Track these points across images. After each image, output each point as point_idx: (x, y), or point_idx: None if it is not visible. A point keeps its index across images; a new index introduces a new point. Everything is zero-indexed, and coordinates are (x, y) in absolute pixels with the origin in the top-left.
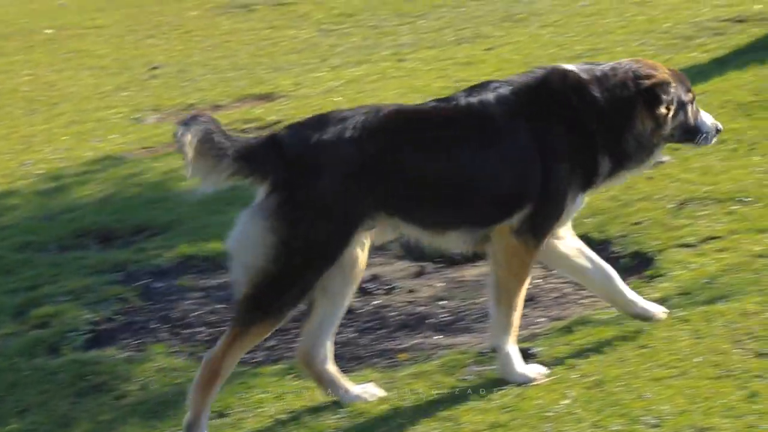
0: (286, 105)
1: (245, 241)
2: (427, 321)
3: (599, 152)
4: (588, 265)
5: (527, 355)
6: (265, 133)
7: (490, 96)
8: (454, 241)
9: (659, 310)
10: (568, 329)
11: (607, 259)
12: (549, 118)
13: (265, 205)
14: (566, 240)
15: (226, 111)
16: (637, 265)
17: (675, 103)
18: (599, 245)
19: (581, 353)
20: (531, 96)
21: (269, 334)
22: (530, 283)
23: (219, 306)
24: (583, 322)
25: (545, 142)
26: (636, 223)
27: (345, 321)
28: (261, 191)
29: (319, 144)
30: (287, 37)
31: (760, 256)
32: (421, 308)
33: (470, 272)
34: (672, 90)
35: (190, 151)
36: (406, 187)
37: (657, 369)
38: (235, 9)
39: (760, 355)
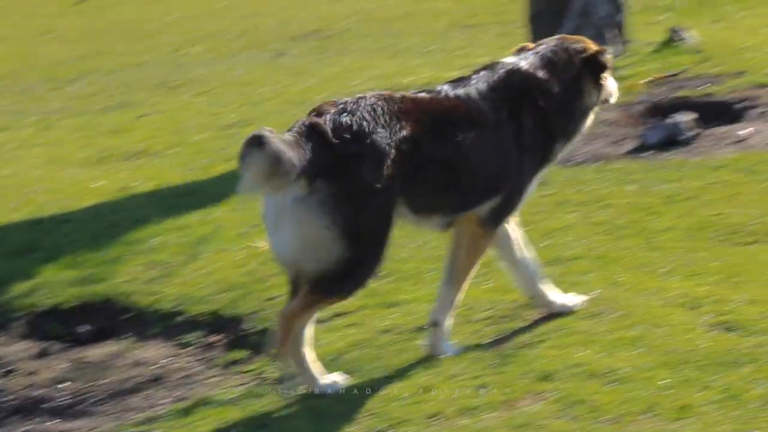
0: None
1: (312, 238)
2: (43, 405)
3: (557, 140)
4: (520, 257)
5: None
6: None
7: (474, 90)
8: (433, 224)
9: (578, 300)
10: (188, 411)
11: (237, 337)
12: (521, 113)
13: (320, 198)
14: (512, 226)
15: None
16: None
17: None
18: (230, 322)
19: None
20: (505, 92)
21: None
22: (157, 364)
23: None
24: (205, 403)
25: (519, 136)
26: (269, 299)
27: None
28: (299, 184)
29: (361, 134)
30: None
31: (385, 331)
32: (40, 391)
33: (95, 352)
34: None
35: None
36: (416, 171)
37: None
38: None
39: None
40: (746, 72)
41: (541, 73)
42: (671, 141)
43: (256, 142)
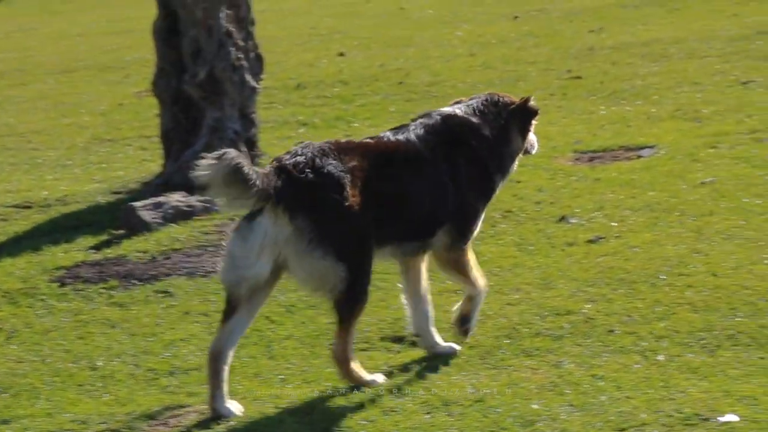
0: None
1: (308, 266)
2: None
3: (495, 174)
4: (421, 296)
5: None
6: None
7: (413, 135)
8: (389, 254)
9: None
10: None
11: None
12: (460, 157)
13: (306, 232)
14: (422, 269)
15: None
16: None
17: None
18: None
19: None
20: (440, 137)
21: None
22: None
23: None
24: None
25: (455, 173)
26: None
27: None
28: (277, 214)
29: (324, 172)
30: None
31: None
32: None
33: None
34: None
35: (219, 182)
36: (372, 206)
37: None
38: None
39: None
40: None
41: (474, 119)
42: None
43: (218, 156)
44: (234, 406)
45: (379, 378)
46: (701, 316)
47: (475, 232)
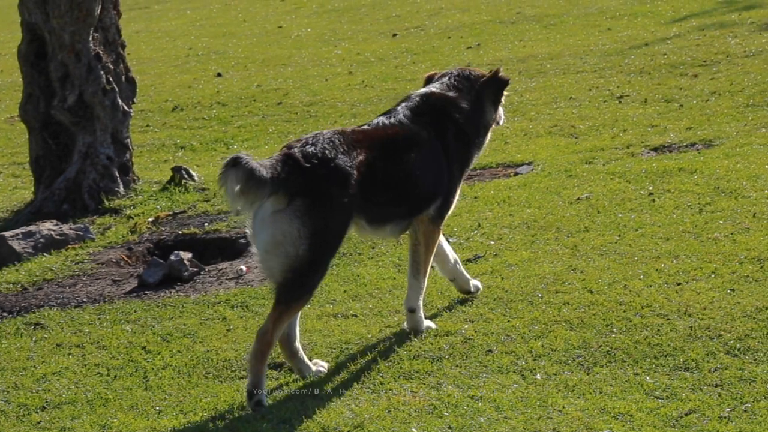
0: None
1: (283, 237)
2: None
3: (472, 149)
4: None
5: None
6: None
7: (403, 117)
8: (388, 233)
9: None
10: None
11: None
12: (445, 131)
13: (294, 208)
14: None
15: None
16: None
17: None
18: None
19: None
20: (427, 116)
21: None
22: None
23: None
24: None
25: (446, 148)
26: None
27: None
28: (278, 199)
29: (325, 159)
30: None
31: None
32: None
33: None
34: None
35: (236, 188)
36: (370, 190)
37: None
38: None
39: None
40: None
41: (451, 94)
42: (172, 279)
43: (232, 163)
44: (319, 365)
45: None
46: (578, 333)
47: (453, 207)
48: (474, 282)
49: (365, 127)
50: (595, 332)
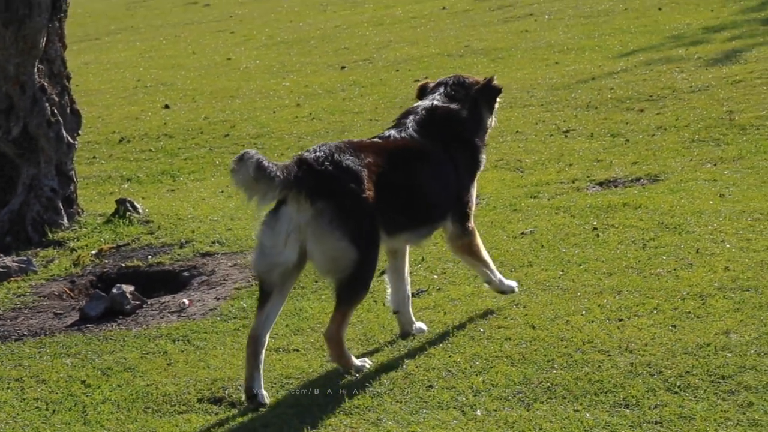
0: None
1: (325, 246)
2: None
3: (479, 154)
4: (404, 278)
5: None
6: None
7: (412, 131)
8: (404, 241)
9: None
10: None
11: None
12: (452, 142)
13: (324, 215)
14: (404, 257)
15: None
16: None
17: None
18: None
19: None
20: (433, 127)
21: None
22: None
23: None
24: None
25: (455, 159)
26: None
27: None
28: (299, 201)
29: (343, 165)
30: None
31: None
32: None
33: None
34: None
35: (247, 179)
36: (385, 199)
37: None
38: None
39: None
40: (192, 241)
41: (453, 105)
42: (114, 312)
43: (242, 157)
44: (266, 395)
45: (367, 363)
46: (518, 369)
47: (474, 209)
48: (418, 325)
49: (376, 139)
50: (536, 368)
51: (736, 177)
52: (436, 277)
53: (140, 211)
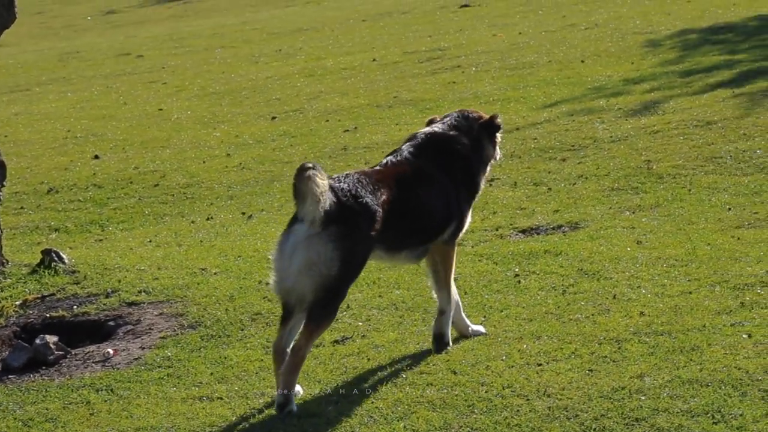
0: None
1: (318, 258)
2: None
3: (476, 178)
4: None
5: None
6: None
7: (408, 155)
8: (404, 259)
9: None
10: None
11: None
12: (451, 165)
13: (329, 233)
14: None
15: None
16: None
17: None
18: None
19: None
20: (434, 153)
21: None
22: None
23: None
24: None
25: (453, 181)
26: None
27: None
28: (313, 223)
29: (358, 195)
30: None
31: None
32: None
33: None
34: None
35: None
36: (388, 222)
37: None
38: None
39: None
40: (118, 291)
41: (452, 133)
42: (37, 363)
43: (305, 168)
44: (297, 386)
45: (300, 391)
46: (439, 414)
47: (467, 227)
48: (474, 327)
49: (377, 168)
50: (456, 413)
51: (653, 224)
52: (360, 324)
53: (66, 261)
